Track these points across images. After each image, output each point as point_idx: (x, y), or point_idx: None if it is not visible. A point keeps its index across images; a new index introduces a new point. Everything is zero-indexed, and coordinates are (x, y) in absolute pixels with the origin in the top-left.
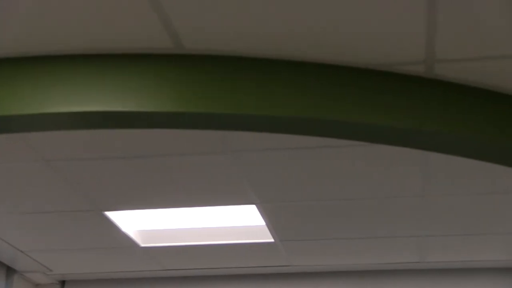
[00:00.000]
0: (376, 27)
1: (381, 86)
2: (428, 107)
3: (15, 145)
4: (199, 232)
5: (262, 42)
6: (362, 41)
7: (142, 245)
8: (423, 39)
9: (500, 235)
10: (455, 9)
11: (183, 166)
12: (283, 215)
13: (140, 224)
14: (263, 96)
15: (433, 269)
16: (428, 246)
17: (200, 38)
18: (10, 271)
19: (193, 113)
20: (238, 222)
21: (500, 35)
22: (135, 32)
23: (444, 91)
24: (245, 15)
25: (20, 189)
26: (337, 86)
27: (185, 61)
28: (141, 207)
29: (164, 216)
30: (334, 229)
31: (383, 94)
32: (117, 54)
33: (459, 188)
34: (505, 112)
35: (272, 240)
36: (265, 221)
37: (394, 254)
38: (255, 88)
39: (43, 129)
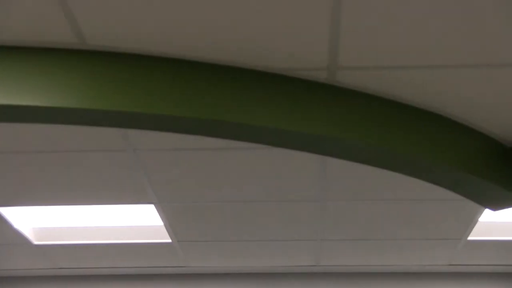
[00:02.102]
0: (280, 32)
1: (283, 91)
2: (328, 113)
3: None
4: (96, 231)
5: (167, 41)
6: (265, 45)
7: (36, 242)
8: (326, 46)
9: (394, 240)
10: (358, 18)
11: (81, 163)
12: (182, 216)
13: (35, 221)
14: (165, 96)
15: (328, 272)
16: (324, 250)
17: (103, 35)
18: None
19: (94, 110)
20: (135, 222)
21: (401, 45)
22: (40, 26)
23: (345, 98)
24: (150, 13)
25: None
26: (240, 89)
27: (89, 57)
28: (35, 204)
29: (60, 213)
30: (232, 231)
31: (285, 98)
32: (20, 47)
33: (357, 194)
34: (402, 122)
35: (169, 240)
36: (163, 221)
37: (290, 257)
38: (158, 87)
39: None
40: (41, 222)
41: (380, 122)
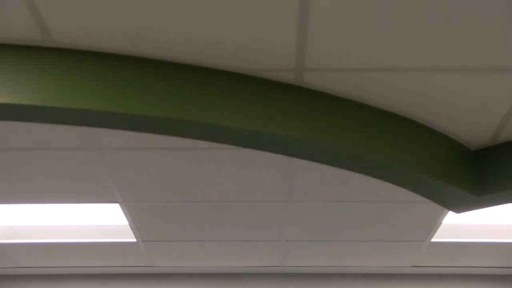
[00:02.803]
0: (248, 33)
1: (251, 91)
2: (294, 115)
3: None
4: (60, 230)
5: (134, 40)
6: (232, 45)
7: None
8: (293, 47)
9: (359, 241)
10: (326, 20)
11: (46, 161)
12: (147, 215)
13: None
14: (133, 95)
15: (293, 273)
16: (289, 250)
17: (69, 32)
18: None
19: (57, 108)
20: (100, 221)
21: (368, 48)
22: (5, 22)
23: (312, 99)
24: (115, 12)
25: None
26: (205, 88)
27: (54, 54)
28: None
29: (23, 212)
30: (197, 231)
31: (252, 99)
32: None
33: (322, 195)
34: (369, 124)
35: (134, 240)
36: (128, 220)
37: (255, 257)
38: (125, 86)
39: None
40: (3, 221)
41: (346, 124)
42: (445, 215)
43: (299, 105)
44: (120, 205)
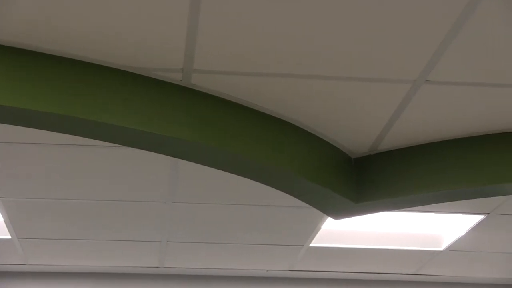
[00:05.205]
0: (136, 30)
1: (134, 90)
2: (180, 116)
3: None
4: None
5: (24, 34)
6: (120, 42)
7: None
8: (182, 48)
9: (239, 244)
10: (215, 22)
11: None
12: (23, 212)
13: None
14: (13, 88)
15: (172, 274)
16: (169, 251)
17: None
18: None
19: None
20: None
21: (257, 53)
22: None
23: (199, 101)
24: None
25: None
26: (90, 85)
27: None
28: None
29: None
30: (76, 229)
31: (136, 98)
32: None
33: (205, 197)
34: (254, 129)
35: (9, 236)
36: (3, 216)
37: (134, 257)
38: (5, 78)
39: None
40: None
41: (231, 128)
42: (324, 221)
43: (185, 107)
44: None
